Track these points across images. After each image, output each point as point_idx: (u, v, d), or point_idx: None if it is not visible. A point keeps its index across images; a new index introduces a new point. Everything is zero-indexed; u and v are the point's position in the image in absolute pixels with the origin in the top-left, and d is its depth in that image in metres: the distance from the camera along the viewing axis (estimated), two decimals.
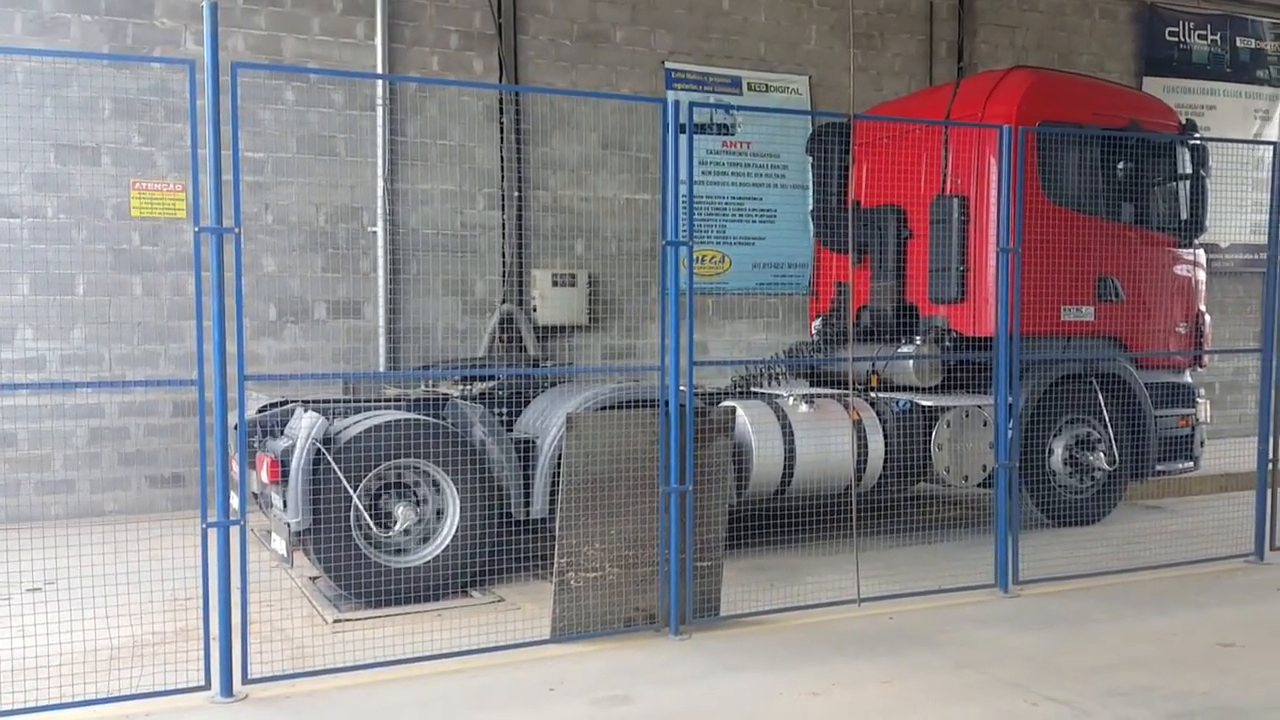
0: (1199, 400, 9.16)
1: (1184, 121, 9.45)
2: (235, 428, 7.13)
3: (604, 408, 7.01)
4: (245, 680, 4.84)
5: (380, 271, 10.15)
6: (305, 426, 6.21)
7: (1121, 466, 8.70)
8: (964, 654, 5.39)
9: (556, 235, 10.94)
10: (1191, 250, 9.21)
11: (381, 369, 10.06)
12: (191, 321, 9.49)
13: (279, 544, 6.45)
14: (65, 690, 4.67)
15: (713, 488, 5.87)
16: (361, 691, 4.91)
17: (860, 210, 9.61)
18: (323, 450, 6.19)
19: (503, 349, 10.53)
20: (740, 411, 7.49)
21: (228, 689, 4.77)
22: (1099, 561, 7.09)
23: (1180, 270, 9.19)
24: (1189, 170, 9.15)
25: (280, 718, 4.61)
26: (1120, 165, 8.98)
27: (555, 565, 5.56)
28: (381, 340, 10.17)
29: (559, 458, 6.80)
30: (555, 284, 10.82)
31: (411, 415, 6.64)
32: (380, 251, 10.14)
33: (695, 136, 11.65)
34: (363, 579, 6.28)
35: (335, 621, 6.05)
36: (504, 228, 10.74)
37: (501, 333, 10.59)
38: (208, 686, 4.78)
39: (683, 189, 5.91)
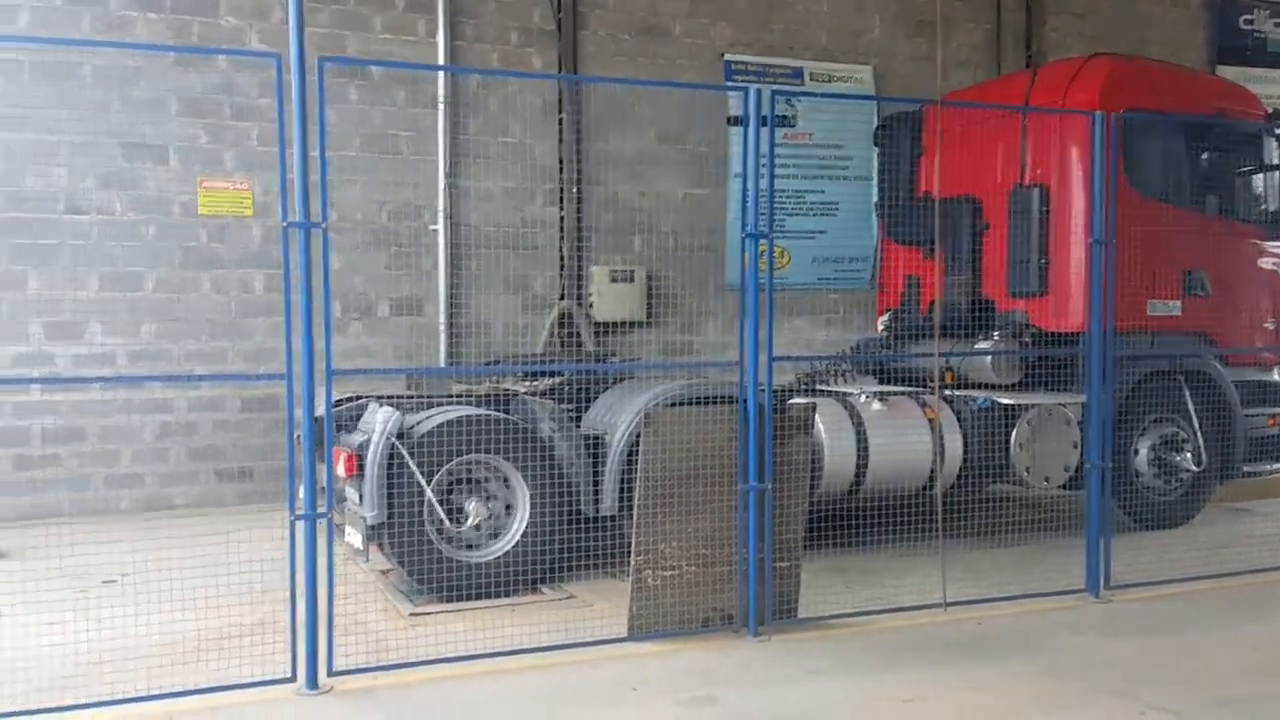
0: None
1: (1270, 111, 9.19)
2: (317, 420, 7.22)
3: (673, 404, 6.95)
4: (330, 673, 4.87)
5: (441, 269, 10.20)
6: (381, 421, 6.24)
7: (1209, 467, 8.47)
8: (1061, 661, 5.27)
9: (614, 231, 10.93)
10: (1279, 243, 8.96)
11: (442, 365, 10.11)
12: (260, 319, 9.65)
13: (354, 537, 6.48)
14: (152, 683, 4.72)
15: (791, 486, 5.80)
16: (446, 685, 4.92)
17: (932, 202, 9.46)
18: (398, 445, 6.21)
19: (560, 345, 10.54)
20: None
21: (313, 681, 4.80)
22: (1189, 566, 6.90)
23: (1268, 264, 8.94)
24: (1277, 160, 8.89)
25: (368, 711, 4.63)
26: (1206, 154, 8.75)
27: (632, 563, 5.52)
28: (442, 337, 10.23)
29: (629, 454, 6.81)
30: (613, 280, 10.81)
31: (483, 411, 6.65)
32: (441, 249, 10.19)
33: (757, 129, 11.74)
34: (436, 573, 6.30)
35: (411, 615, 6.08)
36: (562, 224, 10.74)
37: (559, 329, 10.59)
38: (293, 678, 4.81)
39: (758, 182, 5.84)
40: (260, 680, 4.79)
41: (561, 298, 10.66)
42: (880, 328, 9.99)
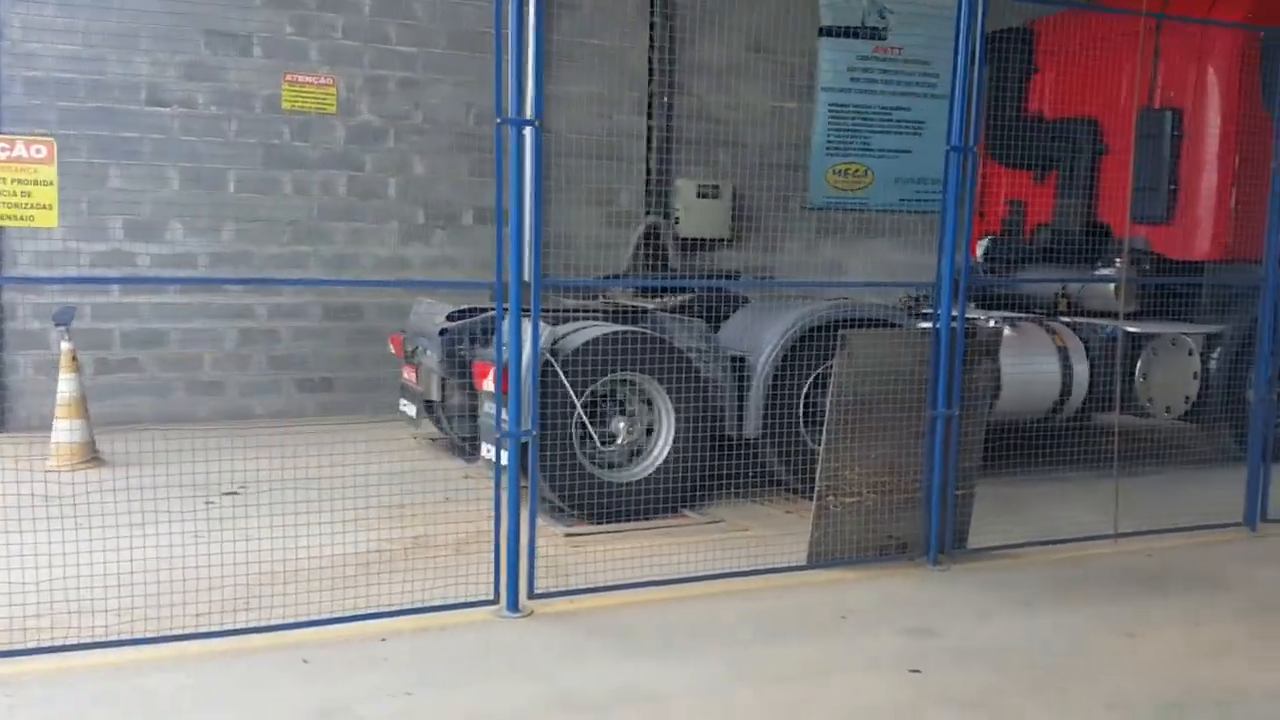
0: None
1: None
2: (441, 334, 6.96)
3: (816, 327, 6.74)
4: (531, 595, 4.70)
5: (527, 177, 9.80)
6: (532, 335, 5.98)
7: None
8: (1257, 594, 5.21)
9: (702, 144, 10.55)
10: None
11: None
12: (342, 223, 9.29)
13: (493, 454, 6.27)
14: (346, 603, 4.53)
15: (974, 412, 5.63)
16: (646, 610, 4.77)
17: (1043, 122, 9.16)
18: (551, 360, 5.97)
19: (645, 261, 10.24)
20: None
21: (514, 604, 4.63)
22: None
23: None
24: None
25: (581, 635, 4.48)
26: None
27: (816, 489, 5.35)
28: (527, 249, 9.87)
29: (775, 376, 6.62)
30: (700, 195, 10.48)
31: (631, 328, 6.40)
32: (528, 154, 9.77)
33: (844, 39, 11.28)
34: (584, 493, 6.12)
35: (567, 536, 5.90)
36: (650, 134, 10.36)
37: (644, 243, 10.29)
38: (495, 600, 4.63)
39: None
40: (462, 602, 4.62)
41: (648, 212, 10.32)
42: (979, 254, 9.76)
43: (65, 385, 7.20)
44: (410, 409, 7.80)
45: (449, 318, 7.27)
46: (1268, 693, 4.09)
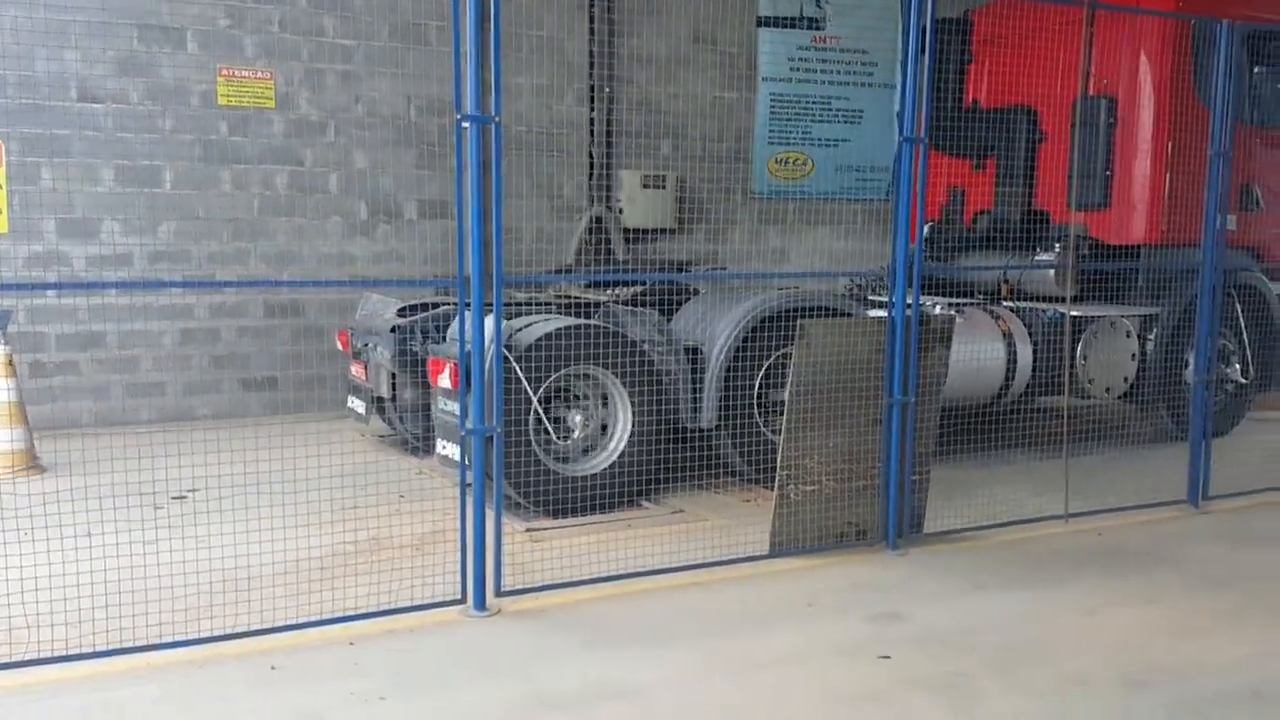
0: None
1: None
2: (393, 330, 6.85)
3: (768, 317, 6.78)
4: (499, 593, 4.66)
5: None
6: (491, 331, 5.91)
7: (1251, 379, 8.67)
8: (1209, 572, 5.37)
9: (644, 134, 10.54)
10: None
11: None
12: (282, 218, 9.11)
13: (452, 450, 6.20)
14: (312, 607, 4.45)
15: (929, 398, 5.71)
16: (613, 604, 4.76)
17: (981, 111, 9.32)
18: (508, 355, 5.91)
19: (590, 253, 10.21)
20: None
21: (481, 602, 4.58)
22: (1265, 478, 7.06)
23: None
24: None
25: (552, 633, 4.45)
26: (1258, 67, 8.73)
27: (777, 478, 5.39)
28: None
29: (729, 366, 6.64)
30: (645, 186, 10.47)
31: (585, 321, 6.37)
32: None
33: (783, 30, 11.34)
34: (542, 488, 6.08)
35: (528, 531, 5.87)
36: (593, 125, 10.31)
37: (589, 235, 10.25)
38: (463, 599, 4.59)
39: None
40: (429, 602, 4.56)
41: (592, 203, 10.28)
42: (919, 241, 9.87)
43: (2, 392, 6.95)
44: (359, 406, 7.69)
45: (399, 313, 7.18)
46: (1223, 666, 4.22)
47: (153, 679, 3.90)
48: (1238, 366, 8.56)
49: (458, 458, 6.18)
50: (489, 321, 6.08)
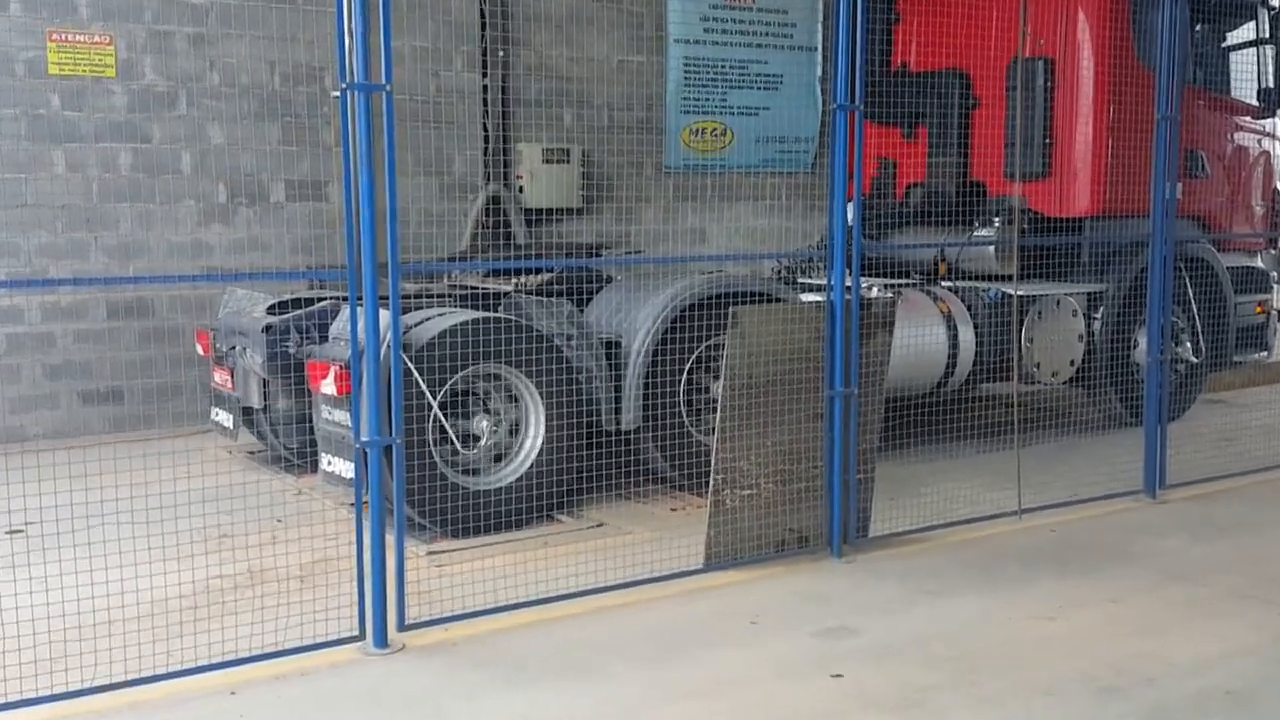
0: (1275, 285, 9.55)
1: None
2: (265, 330, 6.64)
3: (693, 305, 6.79)
4: (401, 627, 4.55)
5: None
6: (386, 328, 5.79)
7: (1203, 358, 9.02)
8: (1166, 566, 5.56)
9: (544, 103, 10.46)
10: (1271, 123, 9.48)
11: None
12: (126, 204, 8.78)
13: (342, 466, 6.05)
14: (172, 654, 4.28)
15: (872, 389, 5.79)
16: (534, 632, 4.70)
17: (910, 76, 9.49)
18: (403, 356, 5.79)
19: (487, 237, 10.10)
20: None
21: (382, 639, 4.48)
22: (1222, 463, 7.36)
23: (1259, 144, 9.46)
24: (1269, 34, 9.34)
25: (466, 669, 4.37)
26: (1199, 26, 9.10)
27: (711, 483, 5.40)
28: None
29: (652, 360, 6.63)
30: (546, 161, 10.39)
31: (489, 315, 6.29)
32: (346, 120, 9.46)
33: None
34: (444, 504, 5.98)
35: (430, 554, 5.76)
36: (485, 93, 10.19)
37: (485, 217, 10.13)
38: (361, 636, 4.47)
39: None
40: (321, 641, 4.43)
41: (488, 181, 10.16)
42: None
43: None
44: (225, 418, 7.45)
45: (270, 310, 6.97)
46: (1194, 664, 4.38)
47: None
48: (1189, 345, 8.88)
49: (346, 474, 6.06)
50: (384, 316, 6.00)
